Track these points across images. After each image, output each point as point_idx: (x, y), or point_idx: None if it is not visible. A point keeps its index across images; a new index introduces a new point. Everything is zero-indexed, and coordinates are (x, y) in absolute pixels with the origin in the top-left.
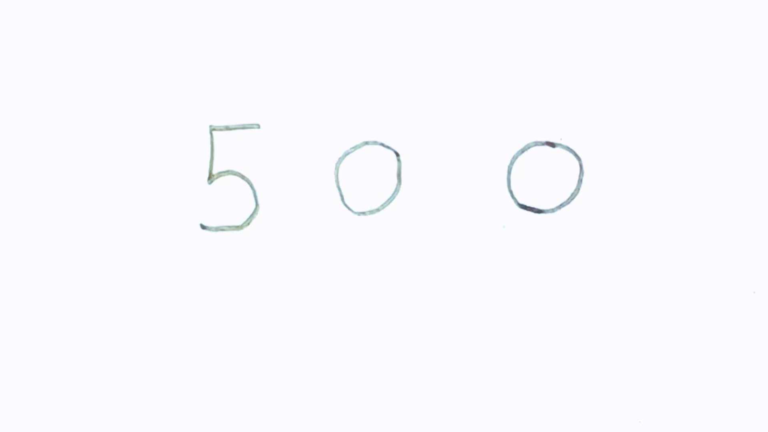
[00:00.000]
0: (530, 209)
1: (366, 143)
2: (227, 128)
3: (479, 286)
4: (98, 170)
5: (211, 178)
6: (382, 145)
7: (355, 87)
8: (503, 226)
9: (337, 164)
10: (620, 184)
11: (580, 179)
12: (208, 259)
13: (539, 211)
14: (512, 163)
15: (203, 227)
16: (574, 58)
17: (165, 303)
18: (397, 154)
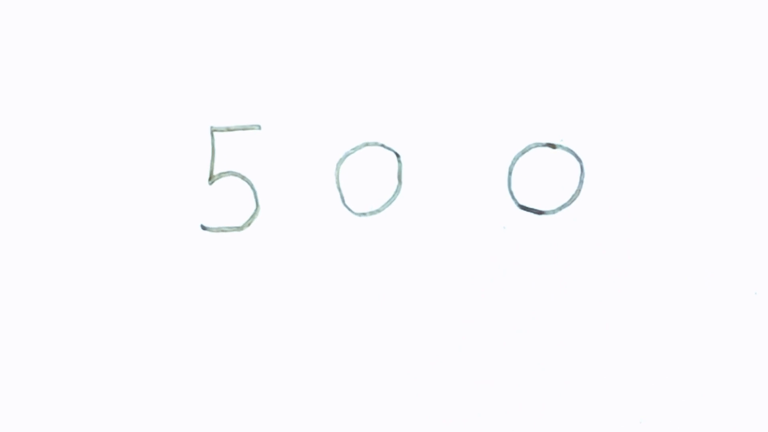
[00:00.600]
0: (531, 210)
1: (366, 144)
2: (228, 129)
3: (480, 287)
4: (99, 171)
5: (212, 178)
6: (383, 146)
7: (356, 88)
8: (504, 227)
9: (337, 165)
10: (621, 185)
11: (581, 180)
12: (209, 259)
13: (540, 212)
14: (513, 164)
15: (204, 228)
16: (574, 60)
17: (166, 303)
18: (398, 155)
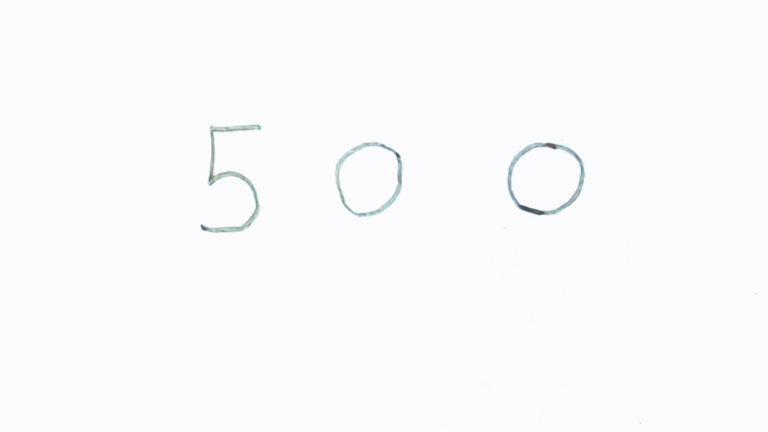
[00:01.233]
0: (531, 210)
1: (366, 144)
2: (228, 129)
3: (480, 287)
4: (99, 171)
5: (212, 179)
6: (383, 146)
7: (356, 88)
8: (504, 228)
9: (337, 165)
10: (621, 185)
11: (581, 181)
12: (209, 260)
13: (540, 212)
14: (513, 164)
15: (204, 228)
16: (574, 60)
17: (166, 304)
18: (398, 156)
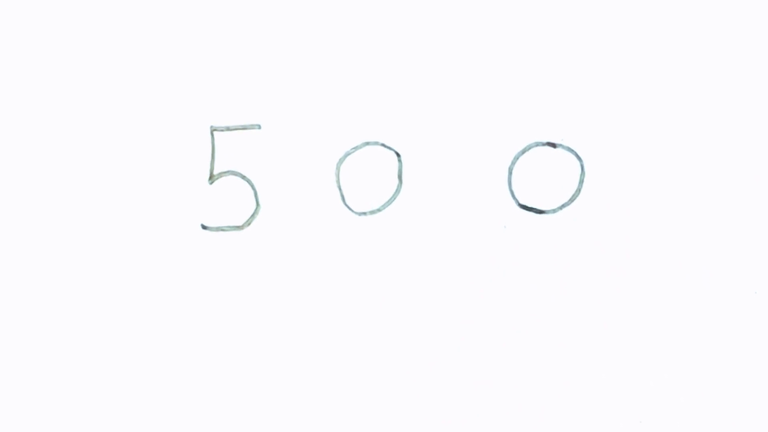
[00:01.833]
0: (531, 210)
1: (367, 143)
2: (228, 129)
3: (480, 286)
4: (99, 171)
5: (212, 178)
6: (383, 145)
7: (356, 87)
8: (504, 227)
9: (338, 164)
10: (622, 184)
11: (582, 180)
12: (209, 259)
13: (540, 211)
14: (513, 163)
15: (204, 227)
16: (575, 59)
17: (166, 303)
18: (398, 155)
